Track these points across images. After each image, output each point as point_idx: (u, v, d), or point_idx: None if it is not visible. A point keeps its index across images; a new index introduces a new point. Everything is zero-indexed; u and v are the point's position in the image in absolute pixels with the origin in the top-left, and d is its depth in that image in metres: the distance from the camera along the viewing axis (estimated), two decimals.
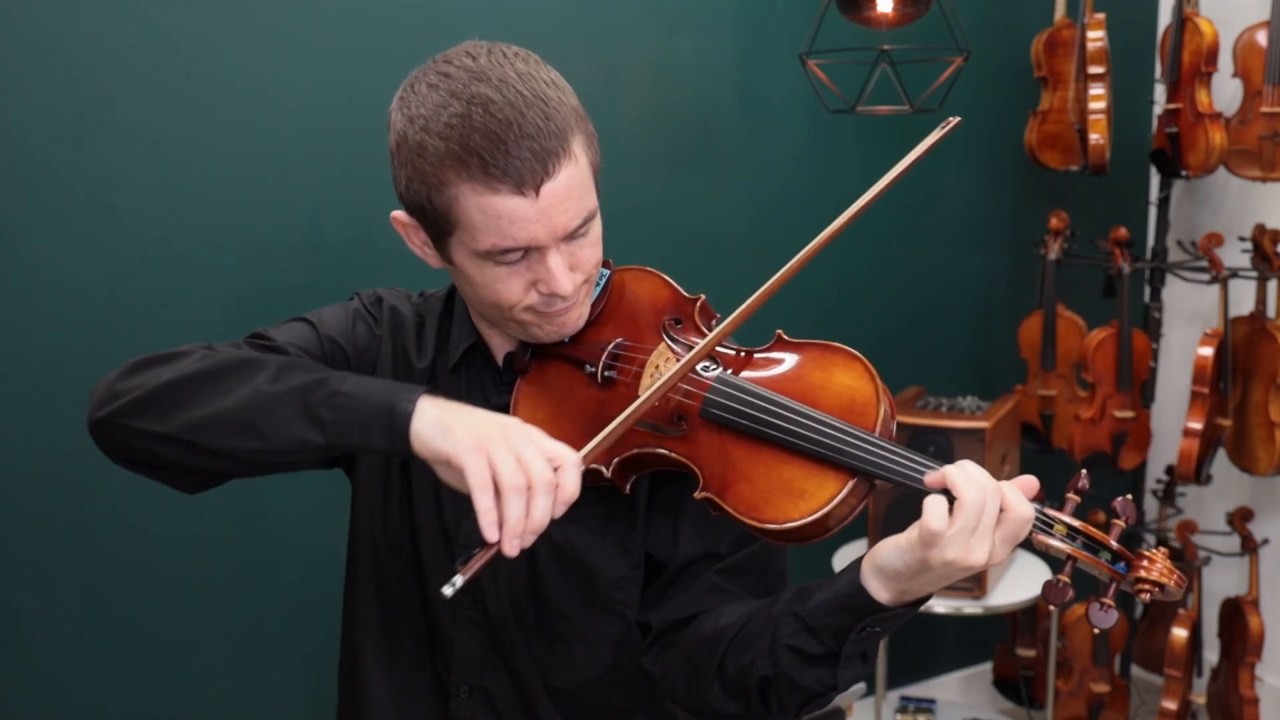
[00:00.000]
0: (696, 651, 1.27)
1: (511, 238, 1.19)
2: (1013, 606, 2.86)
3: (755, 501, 1.17)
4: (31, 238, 2.21)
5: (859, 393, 1.20)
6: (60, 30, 2.19)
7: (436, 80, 1.21)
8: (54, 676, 2.32)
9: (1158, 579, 1.10)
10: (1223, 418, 3.03)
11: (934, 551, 1.07)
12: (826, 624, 1.15)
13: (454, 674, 1.36)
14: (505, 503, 1.08)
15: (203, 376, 1.18)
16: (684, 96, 2.82)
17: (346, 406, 1.14)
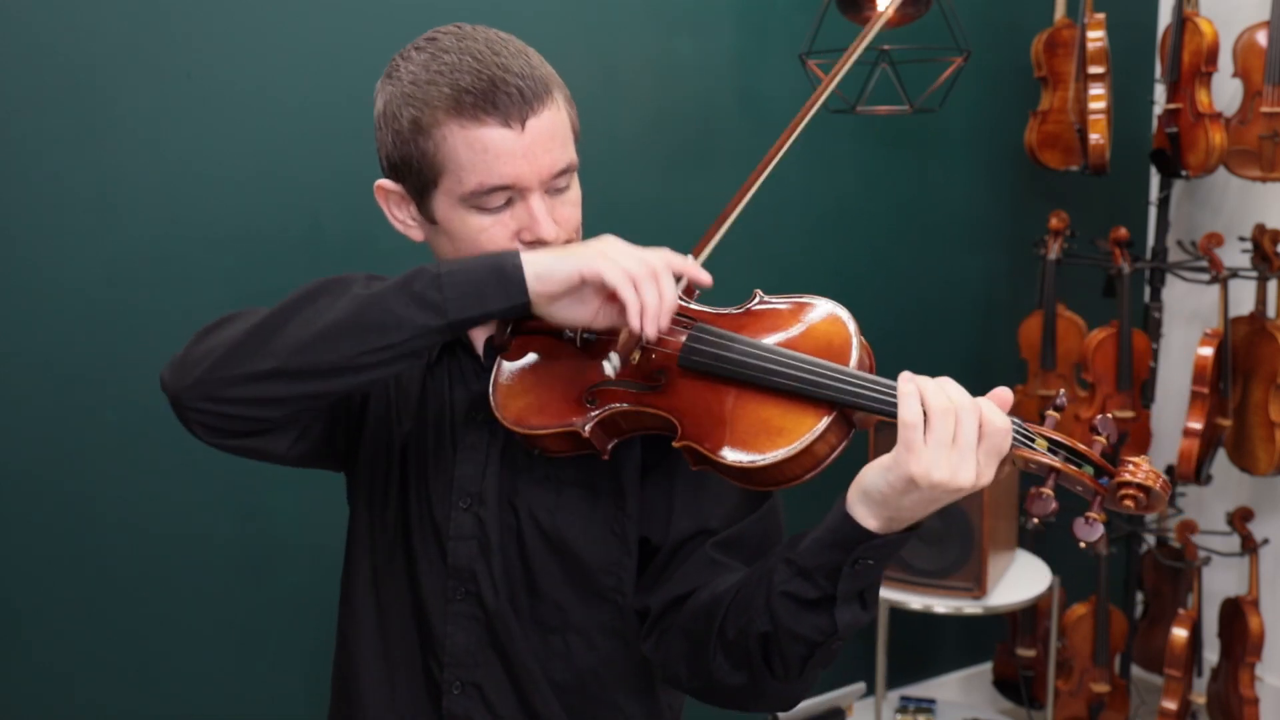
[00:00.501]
0: (695, 624, 1.26)
1: (498, 174, 1.22)
2: (1013, 606, 2.86)
3: (734, 442, 1.17)
4: (31, 238, 2.21)
5: (835, 335, 1.21)
6: (60, 30, 2.19)
7: (423, 45, 1.27)
8: (54, 676, 2.32)
9: (1142, 481, 1.09)
10: (1223, 418, 3.03)
11: (915, 464, 1.07)
12: (818, 564, 1.14)
13: (446, 670, 1.36)
14: (642, 291, 1.14)
15: (293, 306, 1.21)
16: (684, 96, 2.82)
17: (455, 282, 1.16)
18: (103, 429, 2.31)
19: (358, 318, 1.17)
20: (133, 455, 2.34)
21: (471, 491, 1.34)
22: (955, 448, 1.07)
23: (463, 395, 1.37)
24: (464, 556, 1.34)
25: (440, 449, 1.37)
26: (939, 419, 1.07)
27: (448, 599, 1.35)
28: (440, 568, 1.35)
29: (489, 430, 1.34)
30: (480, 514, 1.34)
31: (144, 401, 2.33)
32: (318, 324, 1.18)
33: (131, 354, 2.31)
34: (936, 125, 3.07)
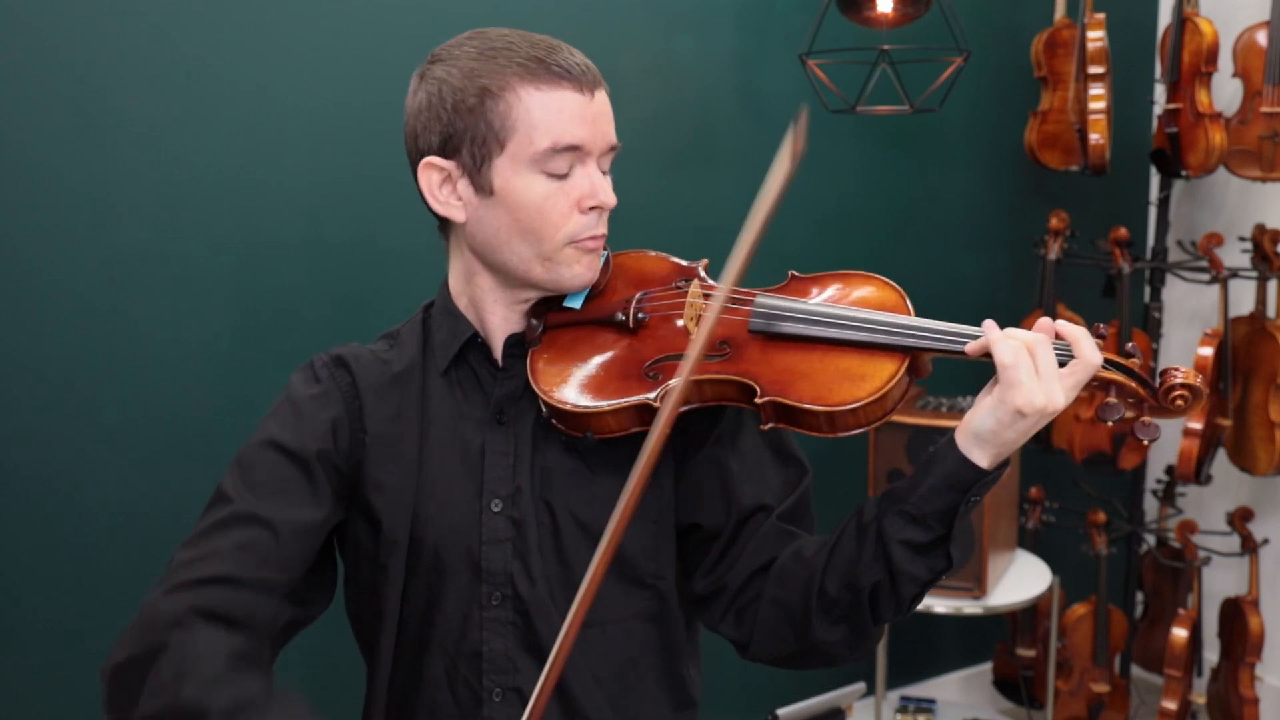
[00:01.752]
0: (787, 591, 1.32)
1: (572, 133, 1.27)
2: (1013, 606, 2.86)
3: (820, 392, 1.24)
4: (31, 238, 2.21)
5: (887, 298, 1.33)
6: (60, 30, 2.19)
7: (469, 37, 1.32)
8: (54, 676, 2.32)
9: (1185, 380, 1.22)
10: (1223, 418, 3.03)
11: (1020, 396, 1.18)
12: (933, 509, 1.24)
13: (485, 678, 1.35)
14: None
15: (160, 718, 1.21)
16: (684, 96, 2.82)
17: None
18: (102, 429, 2.30)
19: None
20: (132, 455, 2.34)
21: (503, 494, 1.34)
22: (1043, 376, 1.19)
23: (479, 400, 1.37)
24: (498, 560, 1.34)
25: (464, 458, 1.35)
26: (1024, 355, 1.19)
27: (482, 606, 1.35)
28: (471, 576, 1.35)
29: (515, 432, 1.35)
30: (514, 515, 1.34)
31: (144, 401, 2.34)
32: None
33: (131, 354, 2.31)
34: (936, 125, 3.07)
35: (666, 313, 1.34)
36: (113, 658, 1.28)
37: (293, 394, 1.37)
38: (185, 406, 2.36)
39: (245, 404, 2.39)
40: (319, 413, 1.35)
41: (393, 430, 1.37)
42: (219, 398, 2.38)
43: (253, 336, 2.41)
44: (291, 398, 1.37)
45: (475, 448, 1.35)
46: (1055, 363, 1.20)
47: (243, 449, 1.35)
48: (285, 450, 1.32)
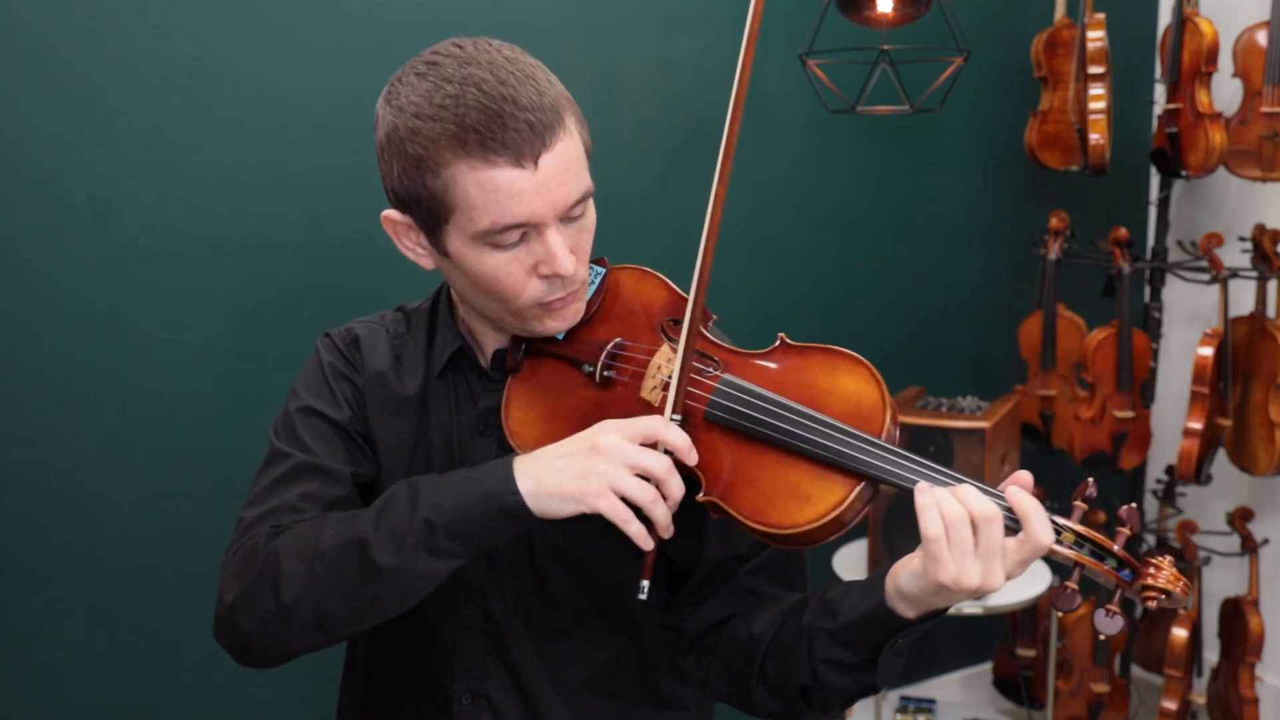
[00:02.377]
0: (735, 659, 1.30)
1: (511, 213, 1.18)
2: (1013, 606, 2.86)
3: (760, 505, 1.16)
4: (31, 238, 2.21)
5: (865, 397, 1.19)
6: (60, 30, 2.19)
7: (424, 70, 1.21)
8: (53, 676, 2.32)
9: (1164, 586, 1.11)
10: (1223, 418, 3.03)
11: (943, 574, 1.08)
12: (859, 639, 1.19)
13: (456, 681, 1.36)
14: (651, 513, 1.13)
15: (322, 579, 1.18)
16: (684, 96, 2.82)
17: (464, 531, 1.16)
18: (102, 429, 2.30)
19: (391, 591, 1.17)
20: (132, 455, 2.34)
21: None
22: (980, 555, 1.09)
23: (469, 409, 1.37)
24: (472, 572, 1.34)
25: (447, 465, 1.36)
26: (957, 529, 1.08)
27: (456, 614, 1.35)
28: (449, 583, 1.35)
29: (497, 444, 1.34)
30: None
31: (144, 401, 2.34)
32: (354, 601, 1.18)
33: (131, 354, 2.31)
34: (936, 125, 3.07)
35: (634, 374, 1.27)
36: (223, 601, 1.24)
37: (321, 361, 1.40)
38: (185, 406, 2.36)
39: (245, 404, 2.40)
40: (342, 384, 1.38)
41: (392, 423, 1.38)
42: (219, 398, 2.38)
43: (253, 336, 2.41)
44: (321, 366, 1.39)
45: (457, 457, 1.36)
46: (998, 542, 1.09)
47: (279, 417, 1.37)
48: (322, 415, 1.35)
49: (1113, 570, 1.12)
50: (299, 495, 1.29)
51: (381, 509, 1.19)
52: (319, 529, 1.21)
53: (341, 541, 1.18)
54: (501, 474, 1.16)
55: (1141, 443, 3.10)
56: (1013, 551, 1.10)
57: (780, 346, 1.27)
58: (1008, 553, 1.10)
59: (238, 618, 1.21)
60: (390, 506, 1.18)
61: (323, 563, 1.18)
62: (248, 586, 1.21)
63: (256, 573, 1.21)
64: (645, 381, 1.26)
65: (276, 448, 1.34)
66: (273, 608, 1.19)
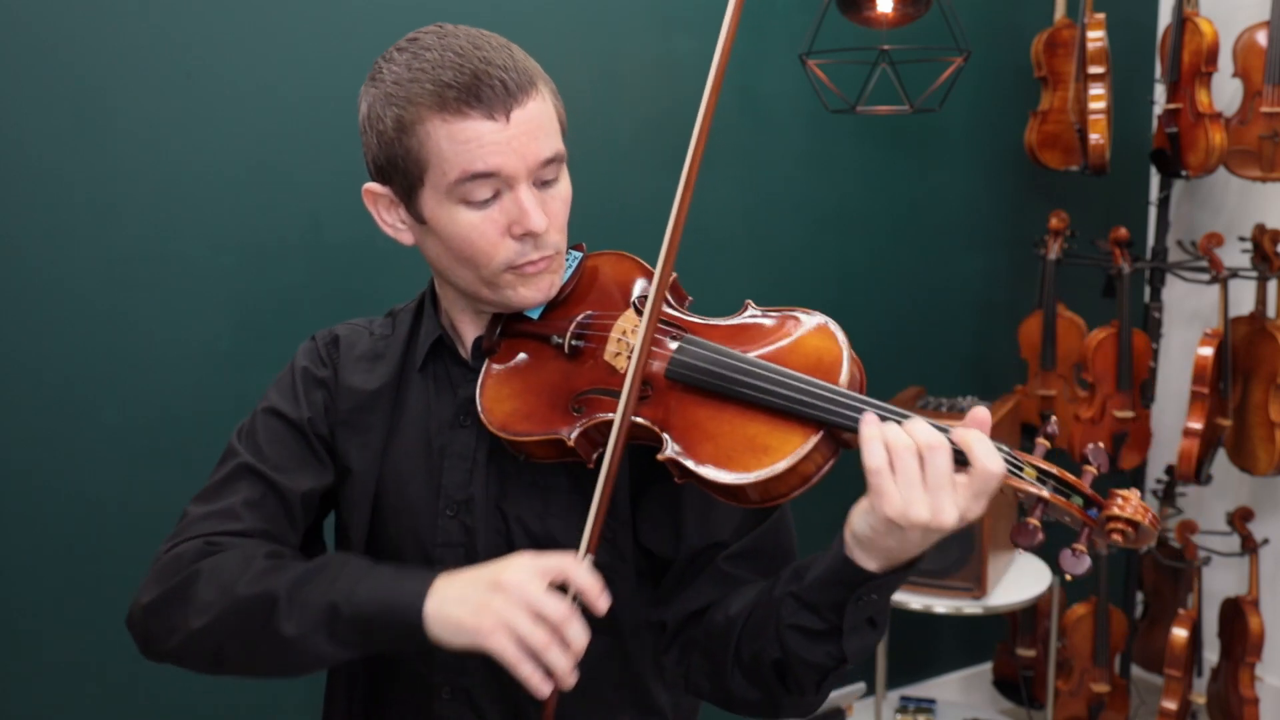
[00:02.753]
0: (713, 644, 1.28)
1: (482, 161, 1.21)
2: (1013, 606, 2.86)
3: (719, 458, 1.15)
4: (31, 238, 2.21)
5: (826, 352, 1.19)
6: (60, 30, 2.19)
7: (405, 45, 1.28)
8: (54, 676, 2.32)
9: (1130, 516, 1.07)
10: (1223, 418, 3.03)
11: (889, 507, 1.06)
12: (824, 599, 1.16)
13: (436, 674, 1.36)
14: (545, 658, 1.11)
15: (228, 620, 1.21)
16: (684, 96, 2.82)
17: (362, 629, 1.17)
18: (102, 429, 2.30)
19: (287, 658, 1.20)
20: (132, 455, 2.34)
21: (458, 499, 1.34)
22: (928, 487, 1.06)
23: (449, 400, 1.37)
24: (451, 564, 1.33)
25: (426, 457, 1.36)
26: (901, 458, 1.06)
27: None
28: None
29: (476, 435, 1.34)
30: (467, 521, 1.34)
31: (144, 401, 2.34)
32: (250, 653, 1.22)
33: (131, 354, 2.31)
34: (936, 125, 3.07)
35: (600, 343, 1.29)
36: (139, 601, 1.28)
37: (294, 365, 1.43)
38: (185, 406, 2.36)
39: (245, 404, 2.37)
40: (311, 387, 1.40)
41: (364, 418, 1.39)
42: (219, 398, 2.38)
43: (253, 336, 2.41)
44: (293, 368, 1.43)
45: (436, 448, 1.36)
46: (946, 471, 1.06)
47: (246, 420, 1.41)
48: (284, 418, 1.38)
49: (1079, 508, 1.09)
50: (241, 501, 1.32)
51: (306, 576, 1.21)
52: (245, 566, 1.24)
53: (256, 593, 1.20)
54: (417, 590, 1.15)
55: (1141, 443, 3.10)
56: (963, 485, 1.07)
57: (744, 310, 1.29)
58: (959, 486, 1.07)
59: (148, 623, 1.26)
60: (314, 577, 1.21)
61: (233, 606, 1.21)
62: (163, 596, 1.25)
63: (175, 587, 1.25)
64: (608, 346, 1.27)
65: (232, 445, 1.39)
66: (179, 626, 1.23)
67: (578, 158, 3.06)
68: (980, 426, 1.10)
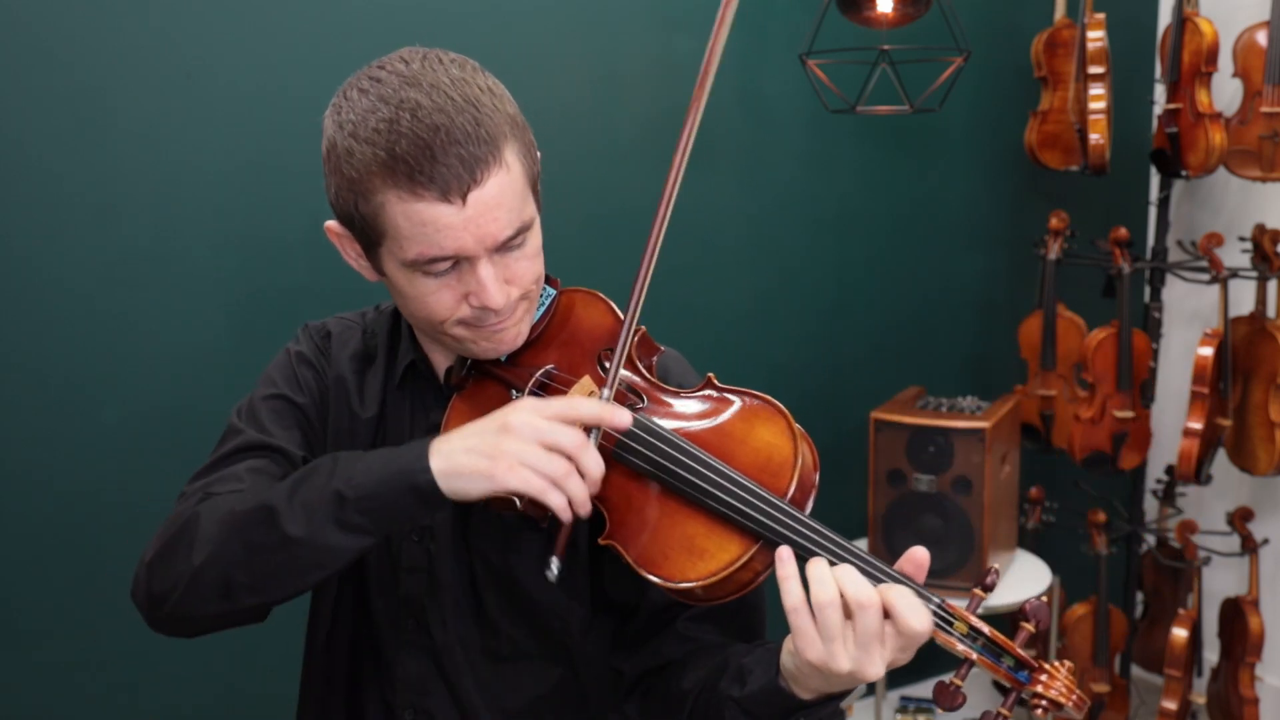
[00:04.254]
0: (669, 708, 1.28)
1: (439, 246, 1.16)
2: (1013, 606, 2.86)
3: (655, 556, 1.14)
4: (31, 238, 2.21)
5: (777, 451, 1.15)
6: (60, 30, 2.19)
7: (367, 85, 1.20)
8: (54, 676, 2.32)
9: (1055, 698, 1.05)
10: (1223, 418, 3.03)
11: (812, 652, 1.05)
12: (761, 713, 1.16)
13: (399, 695, 1.36)
14: (565, 485, 1.09)
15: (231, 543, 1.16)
16: (684, 96, 2.81)
17: (373, 507, 1.13)
18: (102, 429, 2.30)
19: (295, 562, 1.15)
20: (132, 455, 2.34)
21: (423, 525, 1.34)
22: (855, 642, 1.05)
23: (421, 422, 1.37)
24: (414, 588, 1.34)
25: None
26: (824, 613, 1.04)
27: (399, 627, 1.35)
28: (393, 597, 1.35)
29: None
30: (430, 548, 1.33)
31: (144, 401, 2.33)
32: (258, 569, 1.16)
33: (131, 354, 2.31)
34: (936, 125, 3.07)
35: None
36: (143, 560, 1.23)
37: (292, 350, 1.42)
38: (185, 407, 2.36)
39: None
40: (308, 374, 1.39)
41: (348, 426, 1.38)
42: (219, 397, 2.36)
43: (253, 336, 2.40)
44: (290, 353, 1.41)
45: None
46: (874, 631, 1.04)
47: (243, 400, 1.38)
48: (289, 401, 1.36)
49: (1007, 671, 1.06)
50: (246, 469, 1.28)
51: (300, 479, 1.17)
52: (240, 495, 1.21)
53: (254, 506, 1.16)
54: (416, 452, 1.13)
55: (1141, 443, 3.10)
56: (891, 636, 1.05)
57: (707, 385, 1.25)
58: (887, 638, 1.05)
59: (152, 578, 1.20)
60: (309, 477, 1.17)
61: (233, 527, 1.16)
62: (166, 546, 1.20)
63: (176, 533, 1.20)
64: None
65: (233, 424, 1.35)
66: (184, 569, 1.17)
67: (578, 158, 3.07)
68: (916, 569, 1.09)
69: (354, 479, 1.13)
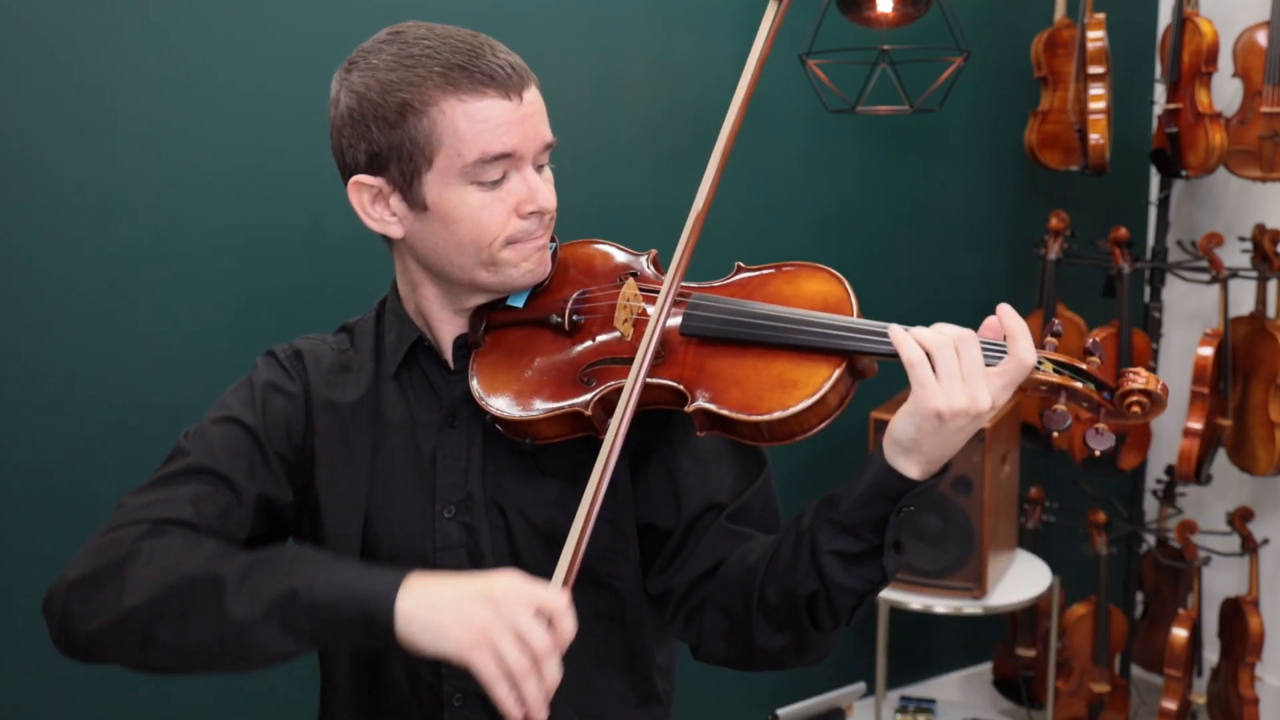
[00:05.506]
0: (731, 597, 1.28)
1: (500, 141, 1.23)
2: (1013, 606, 2.86)
3: (750, 400, 1.19)
4: (31, 238, 2.21)
5: (830, 293, 1.25)
6: (60, 30, 2.19)
7: (387, 38, 1.27)
8: (53, 675, 2.32)
9: (1144, 387, 1.15)
10: (1223, 418, 3.03)
11: (935, 399, 1.12)
12: (864, 519, 1.19)
13: (445, 683, 1.34)
14: (521, 687, 1.08)
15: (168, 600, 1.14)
16: (684, 96, 2.82)
17: (321, 618, 1.12)
18: (102, 428, 2.30)
19: (222, 645, 1.13)
20: (132, 455, 2.33)
21: (456, 500, 1.33)
22: (965, 376, 1.13)
23: (431, 404, 1.36)
24: (453, 567, 1.33)
25: (415, 463, 1.34)
26: (940, 353, 1.13)
27: None
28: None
29: (467, 434, 1.33)
30: (467, 521, 1.33)
31: (144, 401, 2.34)
32: (185, 637, 1.14)
33: (131, 354, 2.31)
34: (936, 125, 3.07)
35: (603, 314, 1.31)
36: (65, 577, 1.20)
37: (254, 378, 1.39)
38: (185, 407, 2.34)
39: None
40: (275, 401, 1.36)
41: (343, 433, 1.36)
42: (218, 397, 2.38)
43: (253, 336, 2.40)
44: (253, 381, 1.39)
45: (427, 453, 1.34)
46: (979, 361, 1.14)
47: (199, 424, 1.37)
48: (243, 426, 1.34)
49: (1093, 390, 1.17)
50: (189, 495, 1.26)
51: (257, 561, 1.16)
52: (192, 549, 1.19)
53: (204, 573, 1.15)
54: (389, 583, 1.11)
55: (1141, 443, 3.10)
56: (995, 375, 1.14)
57: (738, 271, 1.34)
58: (991, 376, 1.14)
59: (72, 599, 1.17)
60: (266, 563, 1.16)
61: (175, 585, 1.14)
62: (96, 572, 1.18)
63: (111, 563, 1.18)
64: (617, 314, 1.30)
65: (180, 445, 1.34)
66: (110, 604, 1.15)
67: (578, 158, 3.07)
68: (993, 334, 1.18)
69: (315, 583, 1.12)
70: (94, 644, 1.17)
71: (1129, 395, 1.15)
